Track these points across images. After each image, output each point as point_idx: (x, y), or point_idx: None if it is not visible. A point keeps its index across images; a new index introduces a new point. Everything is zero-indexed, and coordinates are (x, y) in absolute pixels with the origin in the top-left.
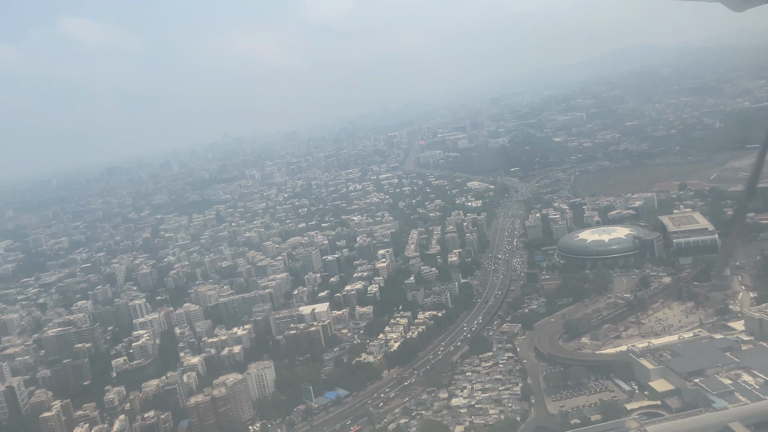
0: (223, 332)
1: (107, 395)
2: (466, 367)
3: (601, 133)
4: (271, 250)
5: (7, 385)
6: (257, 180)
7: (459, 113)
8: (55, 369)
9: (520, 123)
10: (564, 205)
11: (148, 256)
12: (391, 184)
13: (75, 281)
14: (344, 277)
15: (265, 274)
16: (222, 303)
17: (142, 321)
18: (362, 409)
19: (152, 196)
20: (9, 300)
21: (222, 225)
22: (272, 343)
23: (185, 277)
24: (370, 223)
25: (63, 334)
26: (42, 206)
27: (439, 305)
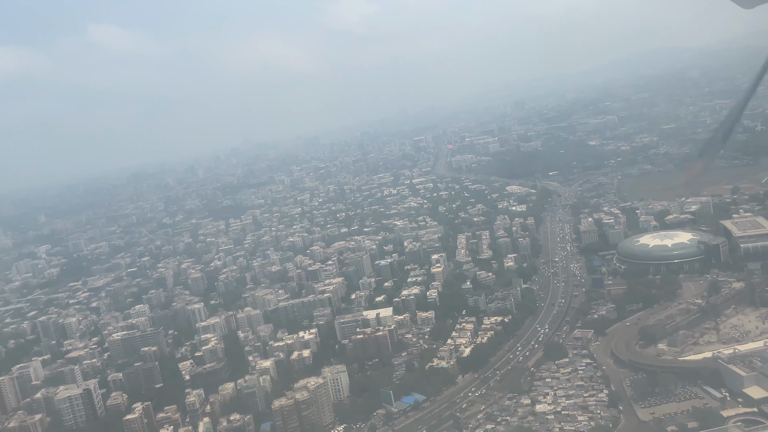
0: (286, 336)
1: (188, 398)
2: (544, 373)
3: (638, 137)
4: (319, 254)
5: (84, 388)
6: (287, 185)
7: (483, 117)
8: (127, 372)
9: (549, 126)
10: (615, 209)
11: (193, 261)
12: (426, 189)
13: (123, 285)
14: (398, 282)
15: (316, 278)
16: (281, 307)
17: (205, 325)
18: (441, 415)
19: (183, 201)
20: (61, 304)
21: (262, 230)
22: (338, 348)
23: (235, 282)
24: (415, 228)
25: (128, 337)
26: (72, 211)
27: (503, 311)
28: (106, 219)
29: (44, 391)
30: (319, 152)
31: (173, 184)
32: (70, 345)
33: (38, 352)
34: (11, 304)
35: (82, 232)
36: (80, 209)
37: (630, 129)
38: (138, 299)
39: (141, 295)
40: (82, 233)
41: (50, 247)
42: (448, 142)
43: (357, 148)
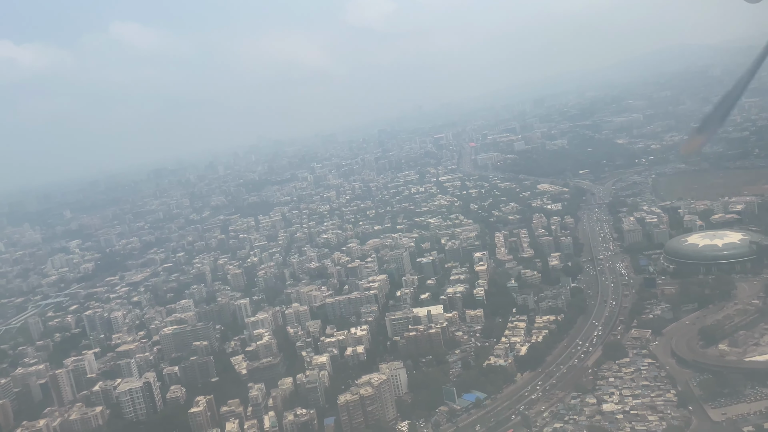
0: (336, 333)
1: (251, 392)
2: (606, 373)
3: (667, 135)
4: (356, 251)
5: (144, 381)
6: (310, 182)
7: (501, 115)
8: (183, 366)
9: (573, 125)
10: (655, 208)
11: (228, 257)
12: (454, 186)
13: (161, 280)
14: (440, 280)
15: (356, 275)
16: (328, 304)
17: (254, 320)
18: (504, 413)
19: (208, 198)
20: (101, 298)
21: (293, 227)
22: (390, 345)
23: (274, 278)
24: (450, 226)
25: (179, 332)
26: (96, 207)
27: (555, 309)
28: (132, 215)
29: (102, 383)
30: (338, 150)
31: (194, 180)
32: (119, 339)
33: (87, 346)
34: (50, 298)
35: (110, 227)
36: (104, 205)
37: (657, 127)
38: (178, 294)
39: (180, 290)
40: (110, 229)
41: (81, 242)
42: (469, 140)
43: (376, 146)
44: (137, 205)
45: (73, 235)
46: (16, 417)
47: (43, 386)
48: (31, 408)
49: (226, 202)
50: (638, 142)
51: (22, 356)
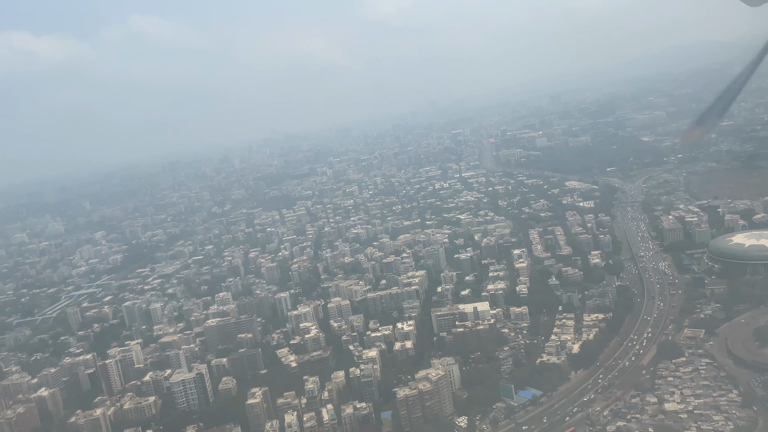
0: (382, 327)
1: (307, 385)
2: (663, 372)
3: None
4: (388, 247)
5: (197, 372)
6: (330, 176)
7: (518, 111)
8: (232, 358)
9: (594, 121)
10: (692, 207)
11: (259, 250)
12: (479, 183)
13: (193, 273)
14: (478, 277)
15: (390, 270)
16: (369, 298)
17: (296, 314)
18: (561, 410)
19: (227, 191)
20: (135, 290)
21: (319, 221)
22: (437, 340)
23: (308, 272)
24: (482, 222)
25: (223, 324)
26: (115, 199)
27: (602, 308)
28: (153, 207)
29: (152, 374)
30: (353, 144)
31: (211, 173)
32: (160, 330)
33: (128, 336)
34: (82, 288)
35: (132, 219)
36: (122, 197)
37: (682, 125)
38: (212, 287)
39: (214, 282)
40: (132, 221)
41: (105, 234)
42: (488, 136)
43: (393, 141)
44: (156, 197)
45: (95, 226)
46: (66, 406)
47: (90, 376)
48: (80, 397)
49: (246, 196)
50: (664, 139)
51: (64, 346)
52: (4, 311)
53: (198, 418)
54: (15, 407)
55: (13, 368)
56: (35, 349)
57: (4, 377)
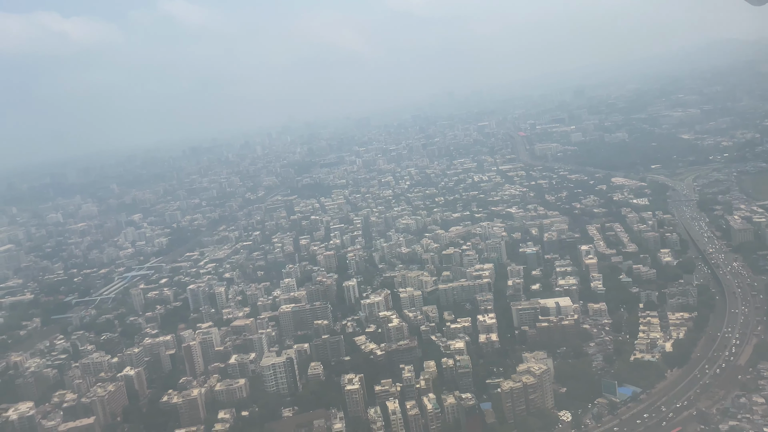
0: (458, 319)
1: (404, 373)
2: (765, 373)
3: (737, 132)
4: (443, 238)
5: (287, 357)
6: (360, 166)
7: (541, 104)
8: (315, 344)
9: (626, 117)
10: (756, 207)
11: (309, 238)
12: (519, 177)
13: (245, 258)
14: (545, 271)
15: (450, 262)
16: (441, 289)
17: (369, 303)
18: (663, 408)
19: (257, 178)
20: (189, 273)
21: (363, 210)
22: (518, 334)
23: (365, 261)
24: (535, 217)
25: (298, 310)
26: (141, 182)
27: (686, 306)
28: (185, 191)
29: (237, 356)
30: (374, 134)
31: (234, 159)
32: (230, 314)
33: (197, 319)
34: (133, 270)
35: (165, 203)
36: (148, 180)
37: (722, 124)
38: (267, 273)
39: (268, 268)
40: (165, 204)
41: (142, 217)
42: (515, 129)
43: (417, 132)
44: (185, 182)
45: (129, 209)
46: (149, 385)
47: (171, 357)
48: (162, 377)
49: (277, 183)
50: (705, 138)
51: (133, 326)
52: (59, 290)
53: (290, 401)
54: (104, 385)
55: (88, 347)
56: (103, 328)
57: (82, 356)
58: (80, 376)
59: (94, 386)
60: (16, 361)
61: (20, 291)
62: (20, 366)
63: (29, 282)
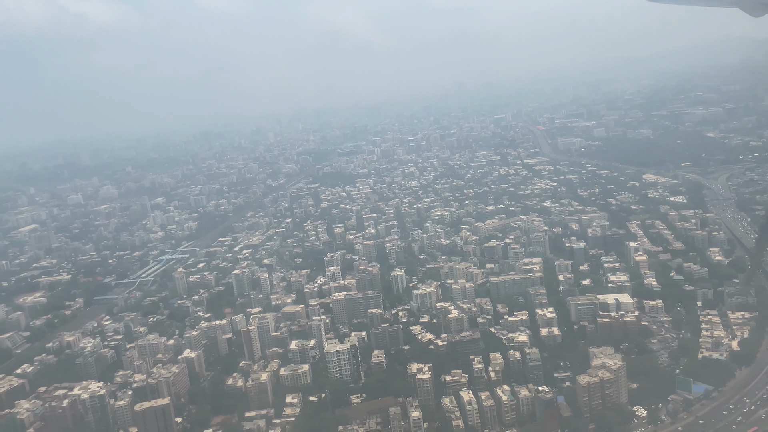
0: (515, 312)
1: (474, 364)
2: None
3: (765, 132)
4: (483, 231)
5: (351, 344)
6: (379, 156)
7: (555, 98)
8: (375, 332)
9: (646, 114)
10: None
11: (343, 227)
12: (547, 171)
13: (280, 245)
14: (593, 267)
15: (492, 255)
16: (492, 282)
17: (422, 293)
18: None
19: (274, 164)
20: (227, 258)
21: (392, 200)
22: (578, 329)
23: (404, 252)
24: (572, 212)
25: (351, 299)
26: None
27: (745, 306)
28: (204, 176)
29: (297, 342)
30: (386, 123)
31: (247, 144)
32: (278, 300)
33: (245, 304)
34: (167, 254)
35: (186, 187)
36: (163, 164)
37: (747, 123)
38: (305, 260)
39: (306, 255)
40: (187, 188)
41: (165, 200)
42: (531, 122)
43: (432, 122)
44: (202, 167)
45: (149, 192)
46: (208, 368)
47: (228, 340)
48: (219, 361)
49: (297, 170)
50: (732, 137)
51: (181, 309)
52: (96, 272)
53: (356, 388)
54: (167, 366)
55: (141, 328)
56: (149, 310)
57: (135, 337)
58: (138, 357)
59: (153, 367)
60: (70, 340)
61: (55, 271)
62: (74, 345)
63: (63, 262)
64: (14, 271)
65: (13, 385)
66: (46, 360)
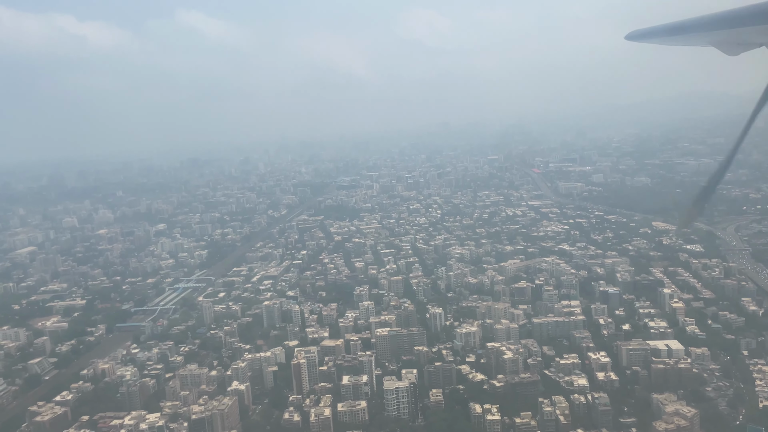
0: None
1: (545, 407)
2: None
3: (762, 185)
4: (507, 271)
5: (410, 382)
6: (378, 191)
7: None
8: (428, 370)
9: (639, 162)
10: None
11: (362, 261)
12: (554, 214)
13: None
14: (628, 312)
15: (523, 296)
16: (536, 324)
17: (466, 332)
18: None
19: (272, 195)
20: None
21: (405, 236)
22: (630, 374)
23: (431, 289)
24: (594, 256)
25: (396, 335)
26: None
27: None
28: (202, 204)
29: (349, 378)
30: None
31: (237, 174)
32: (314, 333)
33: (280, 337)
34: (181, 282)
35: (185, 215)
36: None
37: (741, 176)
38: (329, 293)
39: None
40: (185, 216)
41: (167, 227)
42: (528, 165)
43: (425, 160)
44: (197, 194)
45: (146, 218)
46: (254, 401)
47: (274, 373)
48: (265, 394)
49: (296, 201)
50: (730, 188)
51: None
52: (110, 298)
53: (418, 427)
54: (219, 398)
55: (177, 358)
56: (178, 339)
57: (173, 367)
58: (181, 388)
59: (200, 399)
60: (104, 368)
61: (68, 296)
62: (109, 373)
63: (73, 287)
64: (23, 294)
65: (56, 413)
66: (83, 388)
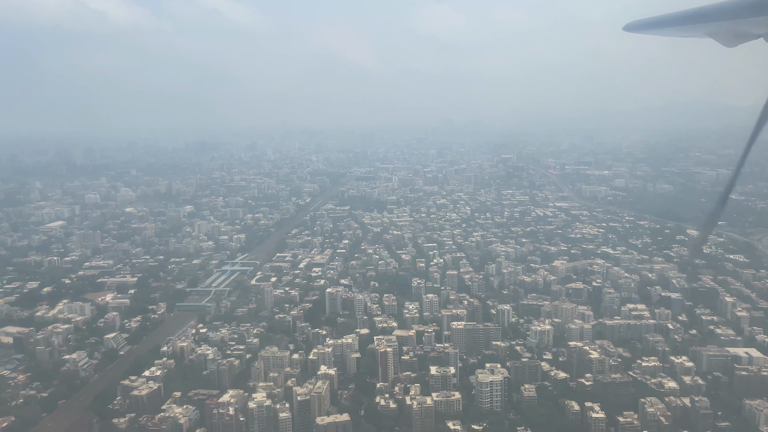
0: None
1: (647, 407)
2: None
3: None
4: (560, 270)
5: (504, 376)
6: (397, 184)
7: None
8: (515, 366)
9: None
10: None
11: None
12: (585, 216)
13: (346, 266)
14: (690, 318)
15: (580, 297)
16: (608, 325)
17: (540, 330)
18: None
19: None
20: (299, 275)
21: (442, 231)
22: (711, 379)
23: (484, 286)
24: (641, 261)
25: (472, 329)
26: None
27: None
28: (221, 187)
29: (438, 368)
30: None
31: (247, 158)
32: (383, 322)
33: (348, 325)
34: (227, 265)
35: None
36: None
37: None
38: (381, 283)
39: (380, 279)
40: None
41: (194, 209)
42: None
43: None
44: (214, 177)
45: (167, 198)
46: (339, 387)
47: (357, 360)
48: (349, 380)
49: (318, 190)
50: (754, 200)
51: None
52: (159, 277)
53: (517, 421)
54: (312, 382)
55: (254, 340)
56: (243, 321)
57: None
58: (267, 369)
59: (287, 381)
60: (182, 346)
61: (116, 272)
62: (187, 351)
63: (118, 264)
64: (69, 269)
65: (152, 388)
66: (167, 364)
